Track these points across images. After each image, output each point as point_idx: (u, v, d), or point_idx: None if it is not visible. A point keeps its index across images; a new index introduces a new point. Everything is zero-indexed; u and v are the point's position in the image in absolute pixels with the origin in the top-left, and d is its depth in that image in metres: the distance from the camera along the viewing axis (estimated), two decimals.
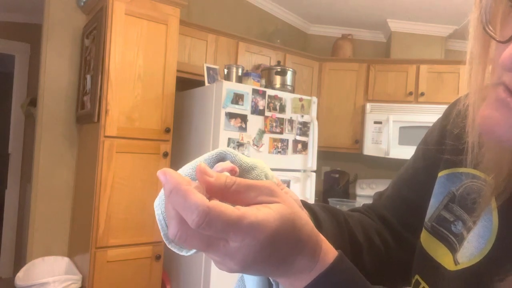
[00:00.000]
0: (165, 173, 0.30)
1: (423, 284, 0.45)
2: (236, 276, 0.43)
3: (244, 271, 0.32)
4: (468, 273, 0.39)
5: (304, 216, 0.33)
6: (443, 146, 0.48)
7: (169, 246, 0.36)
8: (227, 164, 0.36)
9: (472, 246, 0.39)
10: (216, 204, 0.28)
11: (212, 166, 0.36)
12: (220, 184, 0.31)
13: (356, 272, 0.35)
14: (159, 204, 0.36)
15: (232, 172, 0.35)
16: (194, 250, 0.35)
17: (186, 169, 0.37)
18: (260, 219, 0.29)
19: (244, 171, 0.37)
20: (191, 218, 0.28)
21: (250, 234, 0.29)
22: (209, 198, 0.30)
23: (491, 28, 0.30)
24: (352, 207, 0.63)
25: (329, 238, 0.37)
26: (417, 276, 0.47)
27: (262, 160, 0.39)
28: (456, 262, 0.41)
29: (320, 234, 0.35)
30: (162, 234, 0.36)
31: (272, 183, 0.33)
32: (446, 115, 0.52)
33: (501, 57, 0.28)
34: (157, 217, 0.36)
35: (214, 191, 0.31)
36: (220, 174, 0.32)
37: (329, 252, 0.34)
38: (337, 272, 0.34)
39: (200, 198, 0.28)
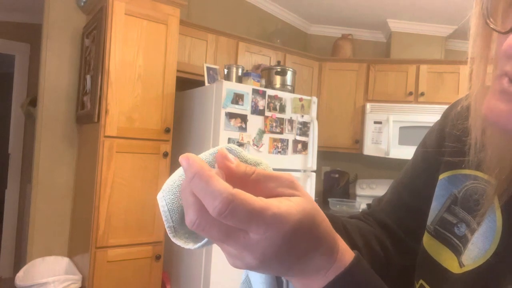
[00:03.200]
0: (188, 158, 0.29)
1: None
2: (238, 276, 0.43)
3: (261, 267, 0.30)
4: (474, 275, 0.38)
5: (322, 213, 0.32)
6: (443, 148, 0.48)
7: (173, 240, 0.35)
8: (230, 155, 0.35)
9: (477, 248, 0.39)
10: (240, 192, 0.27)
11: (215, 162, 0.36)
12: (240, 171, 0.30)
13: (374, 274, 0.34)
14: (163, 196, 0.35)
15: None
16: (201, 244, 0.34)
17: None
18: (283, 211, 0.28)
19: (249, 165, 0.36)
20: (214, 204, 0.27)
21: (273, 226, 0.28)
22: None
23: (492, 21, 0.30)
24: (352, 210, 0.62)
25: None
26: (421, 281, 0.46)
27: (263, 158, 0.38)
28: (461, 265, 0.40)
29: (336, 233, 0.34)
30: (166, 226, 0.35)
31: (292, 176, 0.32)
32: (445, 117, 0.51)
33: (503, 46, 0.28)
34: (161, 209, 0.35)
35: (233, 179, 0.30)
36: (240, 162, 0.31)
37: (346, 252, 0.33)
38: (355, 274, 0.33)
39: (224, 185, 0.27)
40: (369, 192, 3.27)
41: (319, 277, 0.32)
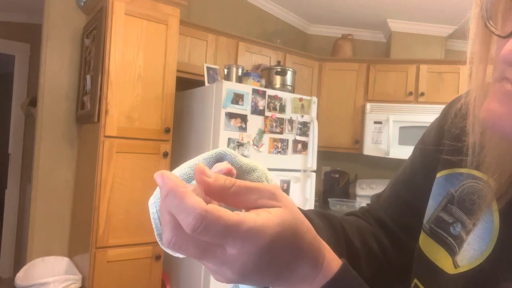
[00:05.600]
0: (162, 175, 0.29)
1: None
2: None
3: (242, 281, 0.30)
4: (469, 276, 0.38)
5: (306, 223, 0.32)
6: (441, 146, 0.48)
7: (162, 247, 0.35)
8: (224, 165, 0.34)
9: (473, 249, 0.39)
10: (213, 207, 0.27)
11: (210, 166, 0.35)
12: (219, 185, 0.30)
13: (362, 283, 0.34)
14: (154, 203, 0.35)
15: (229, 174, 0.33)
16: None
17: (184, 168, 0.36)
18: (259, 225, 0.28)
19: (244, 172, 0.36)
20: (187, 221, 0.26)
21: (249, 240, 0.27)
22: (208, 201, 0.28)
23: (492, 24, 0.30)
24: (350, 210, 0.62)
25: None
26: (415, 280, 0.46)
27: (260, 162, 0.38)
28: (456, 265, 0.40)
29: (323, 242, 0.34)
30: (156, 233, 0.35)
31: (275, 186, 0.32)
32: (444, 114, 0.51)
33: (502, 51, 0.28)
34: (151, 216, 0.35)
35: (212, 193, 0.30)
36: (219, 175, 0.30)
37: (333, 261, 0.33)
38: (342, 283, 0.32)
39: (197, 201, 0.27)
40: (369, 192, 3.27)
41: (304, 286, 0.32)
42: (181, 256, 0.35)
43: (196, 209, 0.26)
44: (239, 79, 2.35)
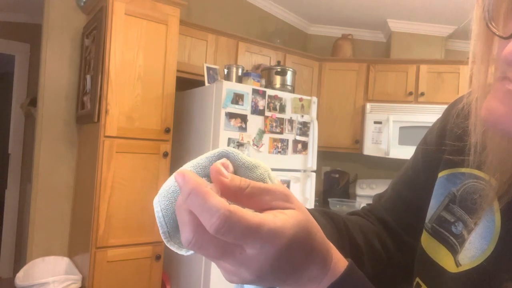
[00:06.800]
0: (183, 175, 0.29)
1: (424, 287, 0.45)
2: None
3: (257, 281, 0.30)
4: (471, 274, 0.38)
5: (316, 224, 0.33)
6: (443, 146, 0.48)
7: (168, 245, 0.35)
8: (223, 160, 0.35)
9: (474, 247, 0.39)
10: (237, 208, 0.27)
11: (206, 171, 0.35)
12: (235, 185, 0.30)
13: (367, 282, 0.34)
14: (159, 201, 0.35)
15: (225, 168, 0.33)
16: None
17: (187, 168, 0.36)
18: (279, 226, 0.28)
19: (247, 169, 0.36)
20: (211, 221, 0.27)
21: (270, 241, 0.28)
22: None
23: (494, 25, 0.30)
24: (352, 210, 0.62)
25: None
26: (417, 279, 0.46)
27: (262, 161, 0.38)
28: (457, 264, 0.40)
29: (330, 242, 0.34)
30: (161, 232, 0.35)
31: (286, 188, 0.32)
32: (446, 114, 0.51)
33: (503, 52, 0.28)
34: (156, 215, 0.35)
35: (227, 193, 0.30)
36: (235, 176, 0.31)
37: (340, 261, 0.34)
38: (348, 283, 0.33)
39: (220, 201, 0.27)
40: (369, 192, 3.27)
41: (313, 286, 0.32)
42: (185, 254, 0.35)
43: (220, 209, 0.26)
44: (239, 79, 2.35)
